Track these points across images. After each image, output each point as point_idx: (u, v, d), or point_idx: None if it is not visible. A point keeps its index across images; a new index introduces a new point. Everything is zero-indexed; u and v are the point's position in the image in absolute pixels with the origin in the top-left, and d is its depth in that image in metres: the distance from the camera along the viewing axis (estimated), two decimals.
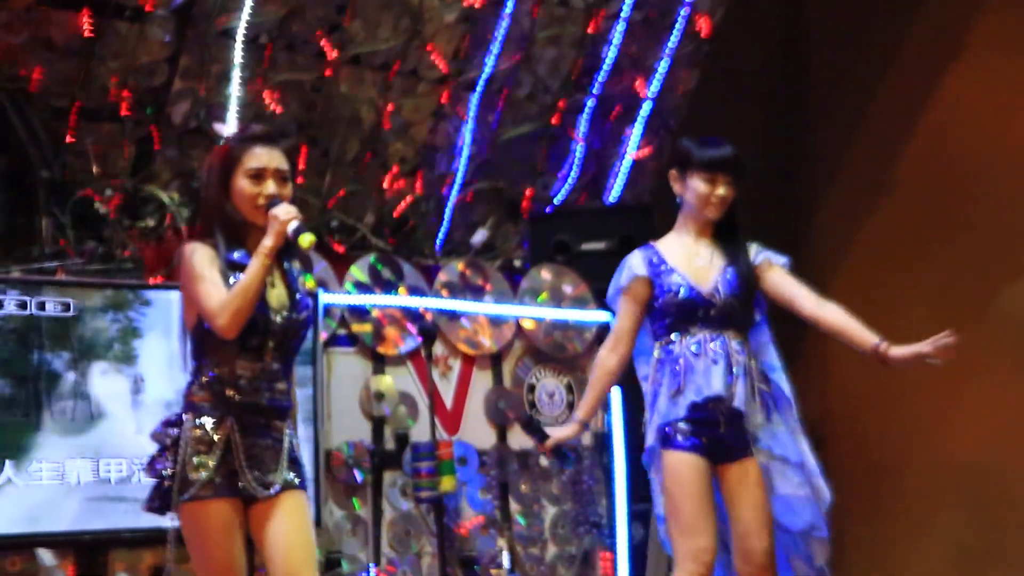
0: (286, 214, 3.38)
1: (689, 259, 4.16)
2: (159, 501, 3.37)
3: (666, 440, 4.03)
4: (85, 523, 4.94)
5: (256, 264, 3.34)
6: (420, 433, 5.75)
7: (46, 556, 4.99)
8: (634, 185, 6.88)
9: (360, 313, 5.93)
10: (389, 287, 6.04)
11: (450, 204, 6.46)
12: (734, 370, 4.07)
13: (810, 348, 7.14)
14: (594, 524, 6.18)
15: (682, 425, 4.01)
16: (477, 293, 6.23)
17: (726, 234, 4.20)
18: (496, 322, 6.22)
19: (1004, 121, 6.21)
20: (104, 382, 5.07)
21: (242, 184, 3.44)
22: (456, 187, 6.45)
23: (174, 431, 3.39)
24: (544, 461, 6.18)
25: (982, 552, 6.10)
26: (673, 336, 4.11)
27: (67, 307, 5.03)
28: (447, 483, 5.23)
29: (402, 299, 6.01)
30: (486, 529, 5.99)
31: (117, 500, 5.00)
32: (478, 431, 6.10)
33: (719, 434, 4.02)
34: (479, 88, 6.38)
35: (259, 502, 3.41)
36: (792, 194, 7.24)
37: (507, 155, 6.60)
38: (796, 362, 7.04)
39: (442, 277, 6.20)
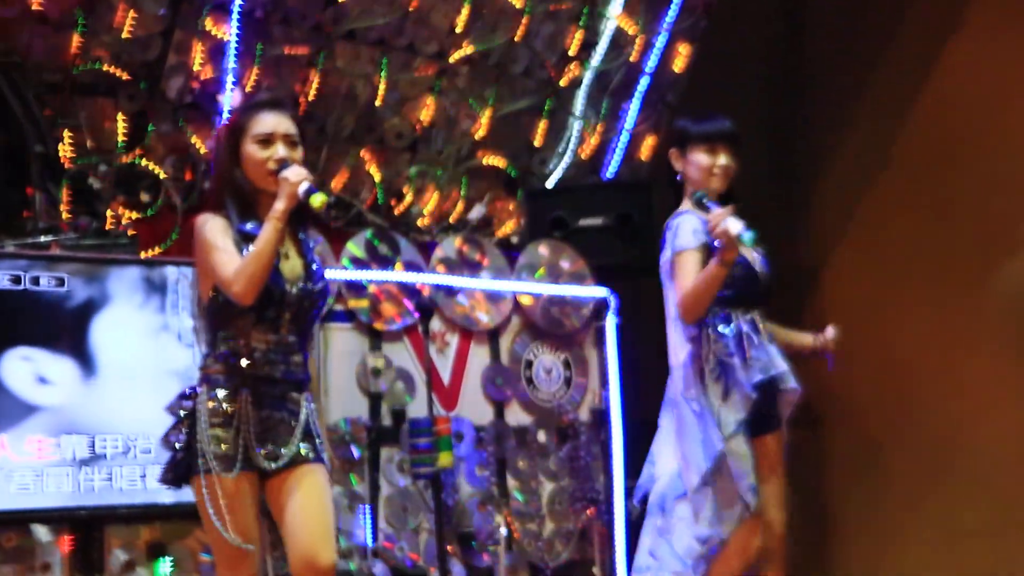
0: (296, 175, 3.32)
1: None
2: (173, 473, 3.37)
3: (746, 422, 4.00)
4: (80, 499, 4.93)
5: (269, 228, 3.29)
6: (417, 409, 5.74)
7: (41, 532, 4.98)
8: (632, 161, 6.85)
9: (357, 289, 5.90)
10: (386, 263, 6.02)
11: (447, 180, 6.43)
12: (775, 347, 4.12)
13: (808, 325, 7.12)
14: (591, 500, 6.18)
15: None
16: (474, 269, 6.21)
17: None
18: (493, 298, 6.20)
19: (1003, 97, 6.19)
20: (95, 356, 5.07)
21: (251, 150, 3.41)
22: (453, 163, 6.42)
23: (188, 404, 3.37)
24: (542, 437, 6.18)
25: (977, 530, 6.10)
26: (731, 310, 4.09)
27: (61, 282, 5.01)
28: (444, 459, 5.22)
29: (399, 275, 5.99)
30: (483, 505, 5.98)
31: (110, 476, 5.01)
32: (475, 407, 6.08)
33: (763, 411, 4.03)
34: (475, 63, 6.35)
35: (273, 476, 3.38)
36: (790, 170, 7.21)
37: (504, 131, 6.56)
38: None
39: (439, 253, 6.18)
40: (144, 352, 5.17)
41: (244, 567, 3.31)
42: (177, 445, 3.35)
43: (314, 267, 3.50)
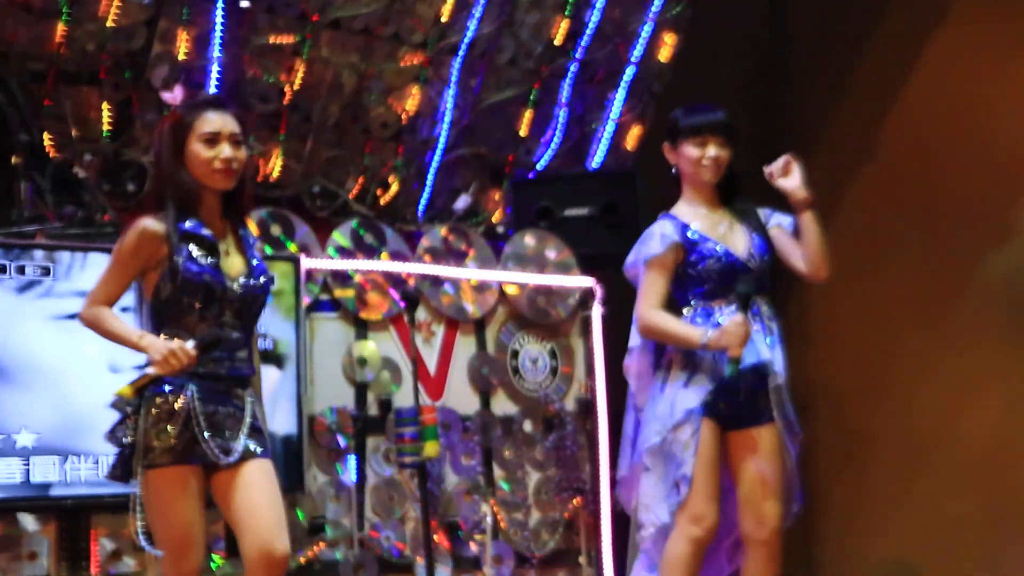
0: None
1: (712, 227, 4.21)
2: (121, 469, 3.40)
3: (708, 407, 4.06)
4: (67, 488, 4.92)
5: (130, 342, 3.40)
6: (403, 399, 5.74)
7: (28, 521, 4.97)
8: (617, 150, 6.85)
9: (342, 278, 5.90)
10: (371, 252, 6.02)
11: (432, 169, 6.43)
12: (771, 336, 4.14)
13: (792, 317, 7.13)
14: (578, 490, 6.19)
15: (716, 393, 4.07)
16: (460, 259, 6.21)
17: (733, 200, 4.27)
18: (479, 288, 6.20)
19: (987, 87, 6.20)
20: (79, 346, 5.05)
21: (197, 149, 3.46)
22: (438, 152, 6.41)
23: (134, 401, 3.39)
24: (528, 427, 6.19)
25: (958, 519, 6.12)
26: (713, 303, 4.14)
27: (47, 271, 5.00)
28: (430, 448, 5.21)
29: (385, 264, 5.99)
30: (470, 495, 5.99)
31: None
32: (462, 397, 6.09)
33: (738, 401, 4.08)
34: (461, 53, 6.34)
35: (221, 470, 3.43)
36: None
37: (489, 120, 6.56)
38: (778, 330, 7.11)
39: (425, 243, 6.18)
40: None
41: (188, 559, 3.37)
42: (124, 441, 3.38)
43: (255, 263, 3.56)
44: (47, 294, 4.98)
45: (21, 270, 4.95)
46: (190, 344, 3.35)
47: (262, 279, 3.56)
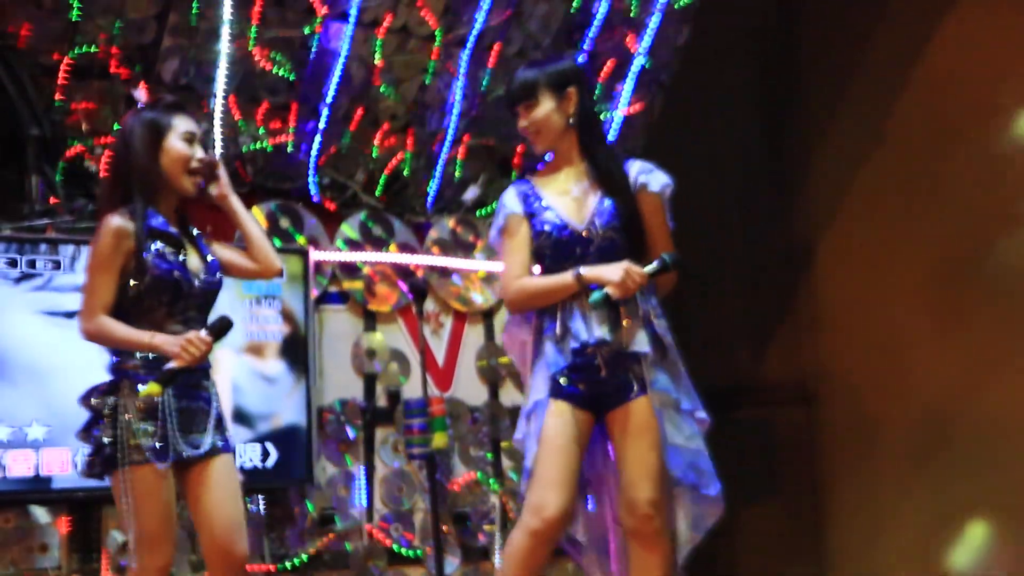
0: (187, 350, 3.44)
1: (563, 193, 3.84)
2: (100, 467, 3.47)
3: (555, 390, 3.73)
4: (79, 480, 4.96)
5: (142, 344, 3.45)
6: (412, 390, 5.77)
7: (40, 513, 5.01)
8: (625, 141, 6.85)
9: (351, 270, 5.93)
10: (380, 244, 6.04)
11: (441, 161, 6.44)
12: (621, 311, 3.72)
13: (802, 303, 7.16)
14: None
15: (565, 373, 3.72)
16: (468, 250, 6.23)
17: (597, 159, 3.84)
18: (487, 279, 6.22)
19: (997, 74, 6.18)
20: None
21: (176, 145, 3.59)
22: (447, 144, 6.42)
23: (111, 399, 3.46)
24: None
25: (971, 505, 6.13)
26: None
27: (58, 265, 5.03)
28: (439, 440, 5.23)
29: (393, 256, 6.01)
30: (478, 485, 6.02)
31: None
32: (470, 388, 6.12)
33: (599, 379, 3.72)
34: (470, 44, 6.34)
35: (190, 465, 3.54)
36: (784, 147, 7.22)
37: (498, 112, 6.56)
38: (789, 317, 7.14)
39: (433, 234, 6.20)
40: None
41: (158, 555, 3.43)
42: (105, 440, 3.43)
43: (210, 259, 3.67)
44: (44, 287, 5.02)
45: (32, 264, 4.98)
46: (203, 332, 3.43)
47: (218, 275, 3.68)
